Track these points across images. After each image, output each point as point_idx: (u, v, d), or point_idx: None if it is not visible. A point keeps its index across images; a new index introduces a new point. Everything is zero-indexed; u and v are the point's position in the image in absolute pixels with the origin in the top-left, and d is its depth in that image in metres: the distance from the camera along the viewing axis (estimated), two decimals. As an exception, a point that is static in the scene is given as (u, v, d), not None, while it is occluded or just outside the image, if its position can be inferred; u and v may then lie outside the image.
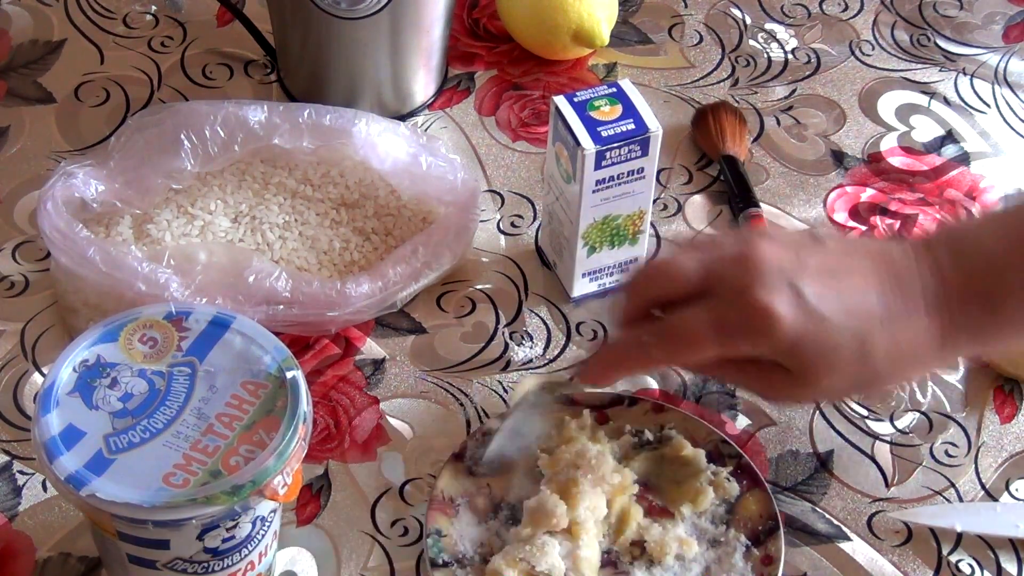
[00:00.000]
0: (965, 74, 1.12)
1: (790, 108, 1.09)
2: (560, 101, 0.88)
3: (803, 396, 0.75)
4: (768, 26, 1.16)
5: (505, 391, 0.89)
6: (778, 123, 1.08)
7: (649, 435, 0.85)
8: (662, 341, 0.72)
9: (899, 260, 0.72)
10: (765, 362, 0.71)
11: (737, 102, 1.09)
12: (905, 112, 1.09)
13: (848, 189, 1.03)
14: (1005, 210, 0.77)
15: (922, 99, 1.10)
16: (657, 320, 0.74)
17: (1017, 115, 1.09)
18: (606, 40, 1.07)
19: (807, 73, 1.12)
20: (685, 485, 0.82)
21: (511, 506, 0.82)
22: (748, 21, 1.16)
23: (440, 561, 0.78)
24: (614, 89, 0.89)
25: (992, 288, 0.71)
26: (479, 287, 0.96)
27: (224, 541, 0.70)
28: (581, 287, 0.94)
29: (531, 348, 0.92)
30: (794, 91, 1.11)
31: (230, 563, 0.72)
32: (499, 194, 1.02)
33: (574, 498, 0.78)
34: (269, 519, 0.73)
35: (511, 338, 0.93)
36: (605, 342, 0.85)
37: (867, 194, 1.03)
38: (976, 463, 0.88)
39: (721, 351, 0.70)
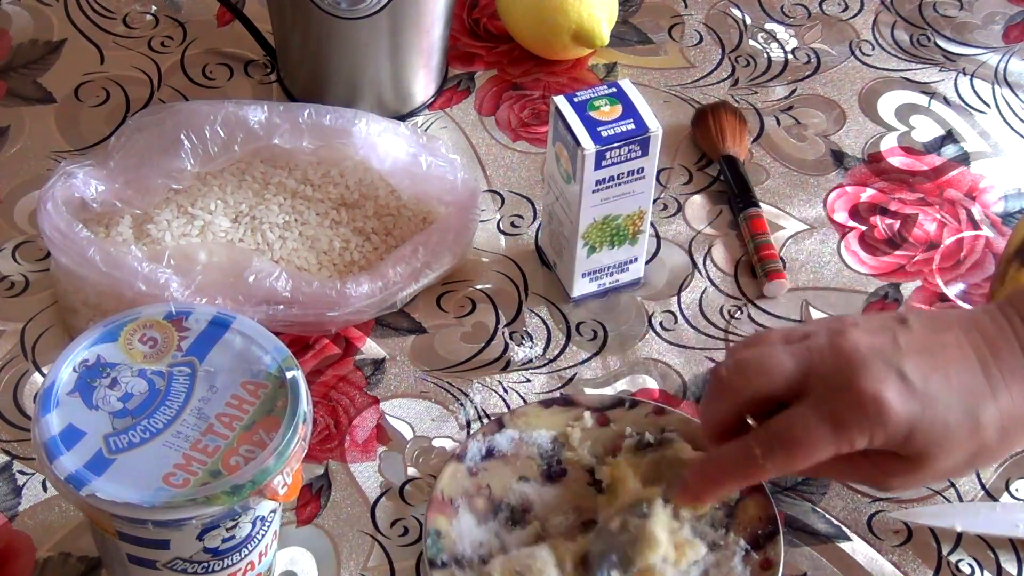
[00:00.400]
0: (965, 74, 1.12)
1: (790, 108, 1.09)
2: (560, 101, 0.88)
3: (920, 481, 0.73)
4: (768, 26, 1.16)
5: (505, 391, 0.89)
6: (778, 123, 1.08)
7: (649, 438, 0.85)
8: (774, 448, 0.69)
9: (989, 327, 0.71)
10: (876, 453, 0.70)
11: (737, 102, 1.09)
12: (905, 112, 1.09)
13: (848, 189, 1.03)
14: None
15: (922, 99, 1.10)
16: (759, 428, 0.71)
17: (1017, 115, 1.09)
18: (606, 40, 1.07)
19: (807, 73, 1.12)
20: None
21: (511, 507, 0.82)
22: (748, 21, 1.16)
23: (439, 562, 0.78)
24: (614, 89, 0.89)
25: None
26: (479, 287, 0.96)
27: (224, 541, 0.71)
28: (581, 287, 0.94)
29: (531, 348, 0.92)
30: (794, 91, 1.11)
31: (230, 563, 0.72)
32: (499, 194, 1.02)
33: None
34: (269, 519, 0.73)
35: (511, 338, 0.93)
36: (706, 457, 0.78)
37: (867, 194, 1.03)
38: (976, 463, 0.88)
39: (836, 449, 0.68)
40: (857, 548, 0.83)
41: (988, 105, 1.10)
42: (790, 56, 1.13)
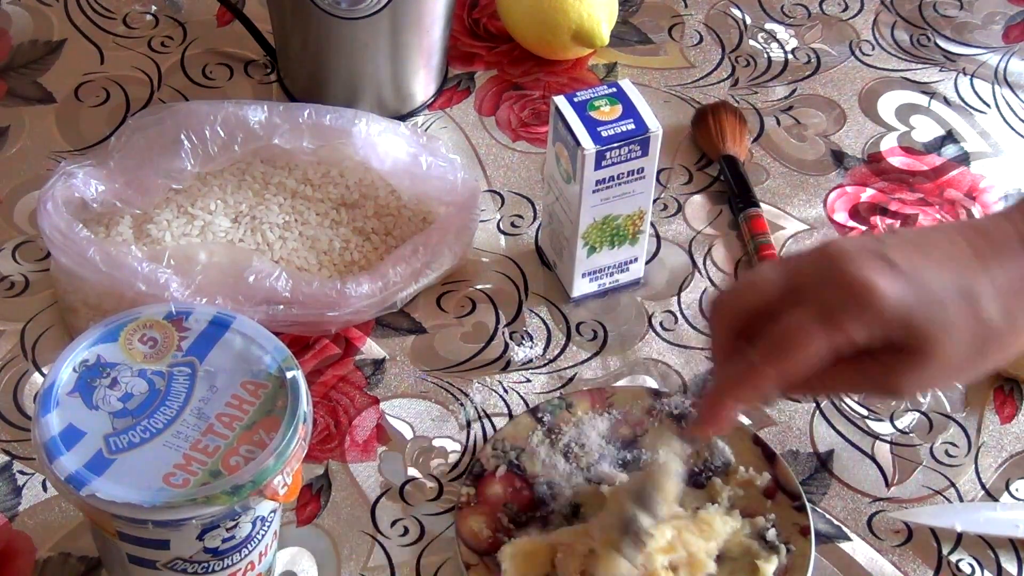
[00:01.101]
0: (965, 74, 1.12)
1: (790, 108, 1.09)
2: (560, 101, 0.88)
3: (933, 377, 0.68)
4: (768, 26, 1.16)
5: (505, 391, 0.89)
6: (778, 123, 1.08)
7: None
8: (770, 352, 0.67)
9: (982, 221, 0.70)
10: (881, 352, 0.67)
11: (737, 102, 1.09)
12: (905, 112, 1.09)
13: (848, 189, 1.03)
14: None
15: (922, 99, 1.10)
16: (757, 338, 0.70)
17: (1017, 115, 1.09)
18: (606, 40, 1.07)
19: (807, 73, 1.12)
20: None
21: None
22: (748, 21, 1.16)
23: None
24: (614, 89, 0.89)
25: None
26: (479, 287, 0.96)
27: (224, 541, 0.71)
28: (581, 287, 0.94)
29: (531, 348, 0.92)
30: (794, 91, 1.11)
31: (230, 563, 0.72)
32: (499, 194, 1.02)
33: None
34: (269, 519, 0.73)
35: (511, 338, 0.93)
36: (708, 386, 0.79)
37: (867, 194, 1.03)
38: (976, 463, 0.88)
39: (834, 342, 0.66)
40: (857, 548, 0.83)
41: (988, 105, 1.10)
42: (790, 56, 1.13)
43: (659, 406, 0.87)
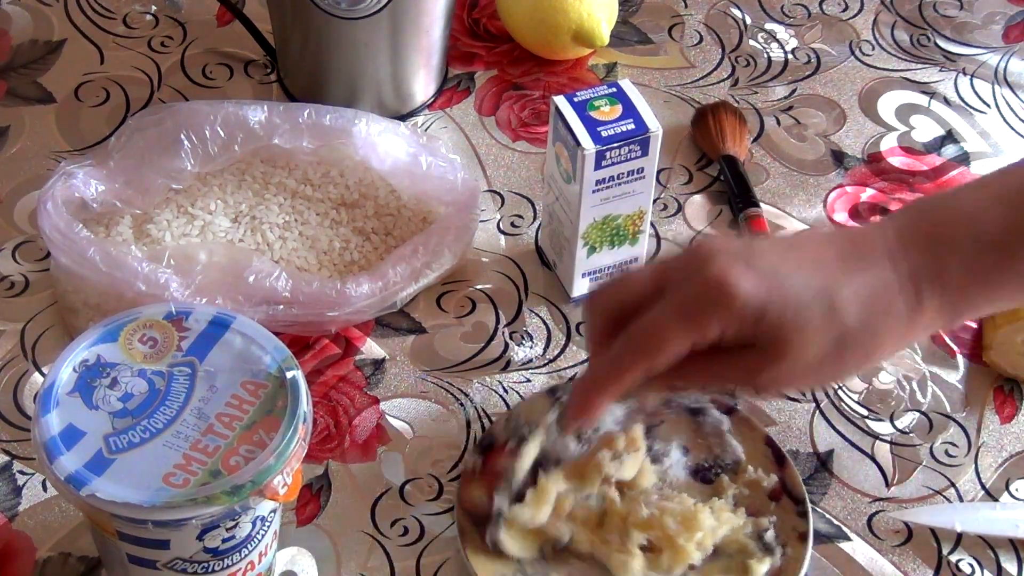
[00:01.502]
0: (965, 74, 1.12)
1: (790, 108, 1.09)
2: (560, 101, 0.88)
3: (790, 376, 0.71)
4: (768, 26, 1.16)
5: (505, 391, 0.89)
6: (778, 123, 1.08)
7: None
8: (629, 345, 0.70)
9: (854, 230, 0.72)
10: (741, 349, 0.69)
11: (737, 102, 1.09)
12: (905, 112, 1.09)
13: (848, 189, 1.03)
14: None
15: (922, 99, 1.10)
16: (622, 332, 0.72)
17: (1017, 115, 1.09)
18: (606, 40, 1.07)
19: (807, 73, 1.12)
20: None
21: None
22: (748, 21, 1.16)
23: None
24: (614, 89, 0.89)
25: (945, 230, 0.69)
26: (479, 287, 0.96)
27: (224, 541, 0.71)
28: (581, 287, 0.94)
29: (531, 348, 0.92)
30: (794, 91, 1.11)
31: (230, 563, 0.72)
32: (499, 194, 1.02)
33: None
34: (269, 519, 0.73)
35: (511, 338, 0.93)
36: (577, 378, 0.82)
37: (867, 194, 1.03)
38: (976, 463, 0.88)
39: (689, 337, 0.68)
40: (857, 548, 0.83)
41: (988, 105, 1.10)
42: (790, 56, 1.13)
43: (677, 398, 0.87)
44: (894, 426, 0.89)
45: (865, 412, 0.90)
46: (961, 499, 0.86)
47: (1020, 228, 0.68)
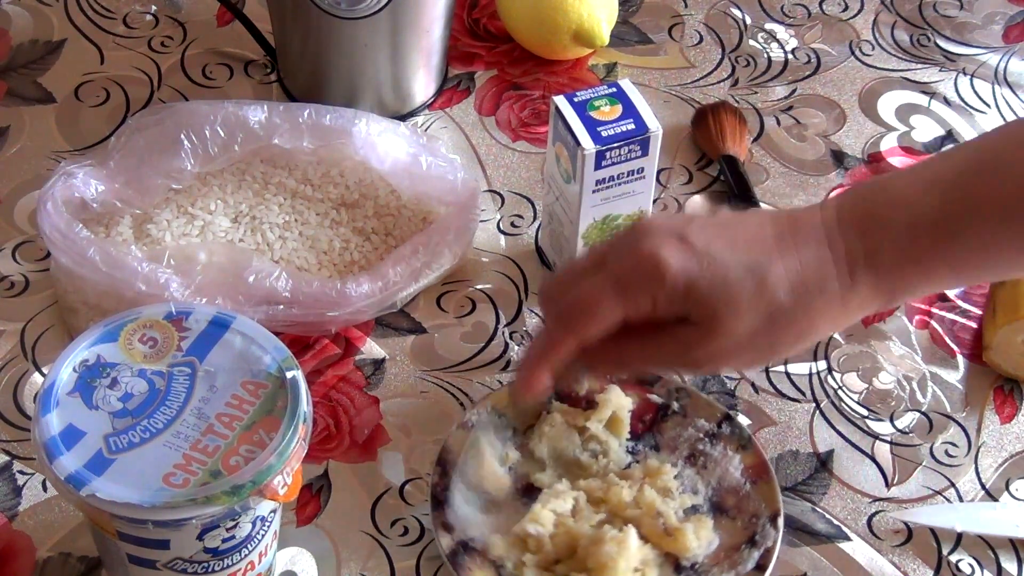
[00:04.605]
0: (965, 74, 1.12)
1: (790, 108, 1.09)
2: (560, 101, 0.88)
3: (720, 350, 0.71)
4: (768, 26, 1.16)
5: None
6: (778, 123, 1.08)
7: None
8: (562, 315, 0.71)
9: (797, 210, 0.72)
10: (675, 326, 0.70)
11: (737, 102, 1.09)
12: (905, 112, 1.10)
13: (848, 189, 1.03)
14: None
15: (922, 99, 1.10)
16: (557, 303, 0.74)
17: (1017, 115, 1.09)
18: (606, 40, 1.07)
19: (807, 73, 1.12)
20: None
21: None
22: (748, 21, 1.16)
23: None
24: (614, 89, 0.89)
25: (881, 212, 0.70)
26: (479, 287, 0.96)
27: (224, 541, 0.71)
28: (581, 287, 0.94)
29: (531, 348, 0.92)
30: (794, 91, 1.11)
31: (230, 563, 0.72)
32: (499, 194, 1.02)
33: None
34: (269, 519, 0.73)
35: (511, 338, 0.93)
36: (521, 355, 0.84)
37: (867, 194, 1.03)
38: (976, 463, 0.88)
39: (619, 306, 0.69)
40: (857, 548, 0.83)
41: (988, 105, 1.10)
42: (790, 56, 1.13)
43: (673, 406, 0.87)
44: (894, 426, 0.89)
45: (865, 412, 0.90)
46: (961, 499, 0.86)
47: (954, 213, 0.68)
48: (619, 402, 0.84)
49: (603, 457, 0.84)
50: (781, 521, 0.80)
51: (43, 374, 0.89)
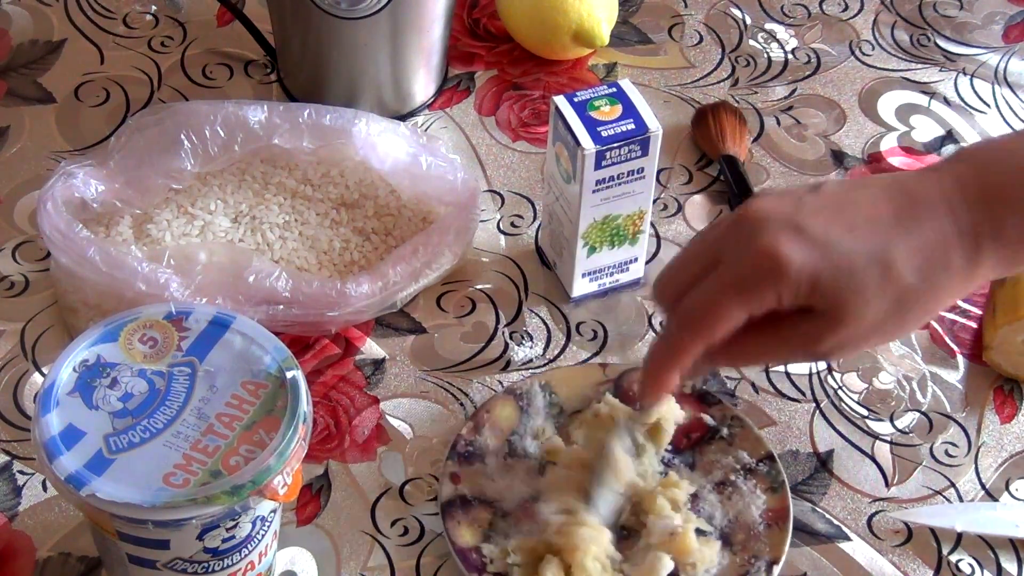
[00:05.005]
0: (965, 74, 1.12)
1: (790, 108, 1.09)
2: (560, 101, 0.88)
3: (852, 340, 0.70)
4: (768, 26, 1.16)
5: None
6: (778, 123, 1.08)
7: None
8: (685, 320, 0.70)
9: (911, 178, 0.70)
10: (799, 317, 0.68)
11: (737, 102, 1.09)
12: (905, 112, 1.09)
13: (848, 189, 1.03)
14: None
15: (922, 99, 1.10)
16: (677, 307, 0.72)
17: (1017, 115, 1.09)
18: (606, 40, 1.07)
19: (807, 73, 1.12)
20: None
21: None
22: (748, 21, 1.16)
23: None
24: (614, 89, 0.89)
25: (1007, 186, 0.68)
26: (479, 287, 0.96)
27: (224, 541, 0.71)
28: (581, 287, 0.94)
29: (531, 348, 0.92)
30: (794, 91, 1.11)
31: (230, 563, 0.72)
32: (499, 194, 1.02)
33: None
34: (269, 519, 0.73)
35: (511, 338, 0.93)
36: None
37: (867, 194, 1.03)
38: (976, 463, 0.88)
39: (744, 309, 0.68)
40: (857, 548, 0.83)
41: (988, 105, 1.10)
42: (790, 56, 1.13)
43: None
44: (894, 426, 0.89)
45: (865, 412, 0.90)
46: (961, 499, 0.86)
47: None
48: (667, 413, 0.83)
49: (635, 459, 0.83)
50: (777, 570, 0.80)
51: (43, 374, 0.89)
